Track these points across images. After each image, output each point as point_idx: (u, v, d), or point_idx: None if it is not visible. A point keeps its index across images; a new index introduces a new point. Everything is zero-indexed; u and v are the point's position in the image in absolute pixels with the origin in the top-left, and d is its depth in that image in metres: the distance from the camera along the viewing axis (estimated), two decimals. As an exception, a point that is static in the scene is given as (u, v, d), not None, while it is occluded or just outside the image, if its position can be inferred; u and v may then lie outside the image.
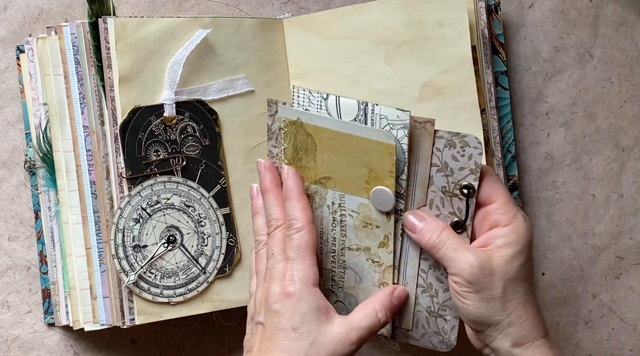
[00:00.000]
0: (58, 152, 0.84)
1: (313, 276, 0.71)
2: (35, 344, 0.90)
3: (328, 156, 0.73)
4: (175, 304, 0.82)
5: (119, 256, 0.80)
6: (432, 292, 0.74)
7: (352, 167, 0.72)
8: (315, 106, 0.72)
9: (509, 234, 0.68)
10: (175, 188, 0.81)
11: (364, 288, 0.76)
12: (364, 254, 0.75)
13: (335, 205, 0.74)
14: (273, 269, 0.72)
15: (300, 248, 0.70)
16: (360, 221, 0.74)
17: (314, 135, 0.72)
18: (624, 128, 0.90)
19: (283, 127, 0.74)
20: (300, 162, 0.74)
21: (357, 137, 0.71)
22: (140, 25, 0.80)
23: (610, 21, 0.90)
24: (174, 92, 0.81)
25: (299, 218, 0.71)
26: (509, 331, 0.69)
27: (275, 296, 0.70)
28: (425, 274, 0.74)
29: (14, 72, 0.90)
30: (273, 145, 0.75)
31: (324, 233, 0.76)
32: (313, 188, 0.75)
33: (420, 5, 0.82)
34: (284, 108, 0.73)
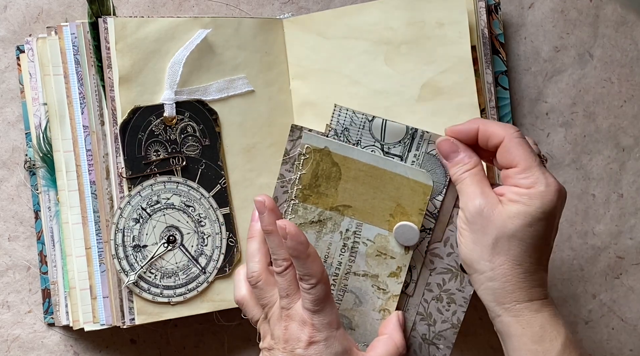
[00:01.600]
0: (58, 152, 0.84)
1: (335, 319, 0.71)
2: (35, 344, 0.90)
3: (352, 186, 0.74)
4: (175, 304, 0.82)
5: (119, 256, 0.80)
6: (430, 321, 0.76)
7: (378, 200, 0.73)
8: (357, 126, 0.73)
9: (522, 194, 0.67)
10: (175, 187, 0.81)
11: (362, 311, 0.76)
12: (370, 281, 0.75)
13: (349, 232, 0.75)
14: (290, 310, 0.71)
15: (319, 301, 0.70)
16: (374, 250, 0.74)
17: (341, 165, 0.73)
18: (624, 128, 0.90)
19: (305, 153, 0.74)
20: (318, 189, 0.74)
21: (391, 173, 0.73)
22: (141, 25, 0.80)
23: (610, 21, 0.90)
24: (174, 92, 0.81)
25: (312, 274, 0.69)
26: (490, 285, 0.68)
27: (300, 343, 0.70)
28: (427, 304, 0.75)
29: (14, 72, 0.90)
30: (287, 169, 0.75)
31: (328, 257, 0.76)
32: (327, 214, 0.75)
33: (420, 5, 0.82)
34: (309, 135, 0.74)
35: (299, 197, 0.75)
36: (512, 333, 0.68)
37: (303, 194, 0.75)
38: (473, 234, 0.68)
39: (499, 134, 0.69)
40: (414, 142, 0.72)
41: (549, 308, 0.69)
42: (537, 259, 0.68)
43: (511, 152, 0.68)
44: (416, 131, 0.72)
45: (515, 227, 0.67)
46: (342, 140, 0.73)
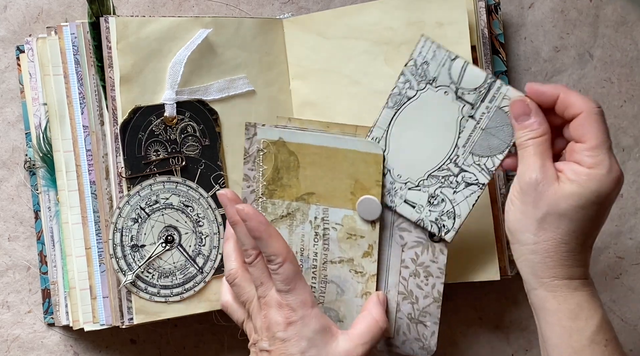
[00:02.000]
0: (58, 152, 0.84)
1: (309, 297, 0.71)
2: (35, 344, 0.90)
3: (311, 172, 0.74)
4: (172, 303, 0.82)
5: (117, 255, 0.80)
6: (412, 299, 0.76)
7: (337, 180, 0.73)
8: (437, 62, 0.72)
9: (581, 173, 0.66)
10: (174, 187, 0.82)
11: (345, 300, 0.77)
12: (346, 266, 0.76)
13: (318, 220, 0.75)
14: (267, 297, 0.72)
15: (289, 279, 0.70)
16: (344, 233, 0.75)
17: (297, 152, 0.74)
18: (624, 128, 0.90)
19: (262, 148, 0.75)
20: (281, 182, 0.75)
21: (343, 150, 0.73)
22: (142, 24, 0.80)
23: (610, 21, 0.90)
24: (175, 92, 0.81)
25: (276, 252, 0.70)
26: (531, 257, 0.68)
27: (278, 326, 0.70)
28: (406, 282, 0.75)
29: (14, 72, 0.90)
30: (250, 168, 0.76)
31: (304, 250, 0.76)
32: (294, 206, 0.75)
33: (420, 5, 0.82)
34: (263, 129, 0.74)
35: (265, 193, 0.76)
36: (548, 308, 0.68)
37: (268, 190, 0.76)
38: (523, 206, 0.68)
39: (579, 106, 0.67)
40: (489, 93, 0.71)
41: (588, 289, 0.68)
42: (583, 241, 0.68)
43: (585, 126, 0.67)
44: (495, 81, 0.71)
45: (567, 207, 0.66)
46: (420, 73, 0.72)
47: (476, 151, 0.72)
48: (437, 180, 0.73)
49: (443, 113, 0.72)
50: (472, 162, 0.72)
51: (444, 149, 0.73)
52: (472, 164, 0.72)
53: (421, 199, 0.74)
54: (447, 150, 0.73)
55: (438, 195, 0.73)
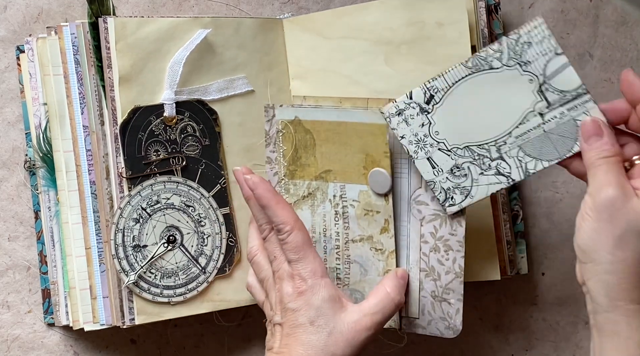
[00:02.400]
0: (58, 152, 0.84)
1: (319, 267, 0.72)
2: (35, 344, 0.90)
3: (327, 149, 0.74)
4: (175, 304, 0.82)
5: (119, 256, 0.80)
6: (434, 275, 0.75)
7: (350, 155, 0.73)
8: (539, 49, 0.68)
9: None
10: (175, 187, 0.82)
11: (369, 280, 0.76)
12: (367, 244, 0.76)
13: (337, 198, 0.75)
14: (279, 270, 0.73)
15: (298, 248, 0.71)
16: (362, 210, 0.75)
17: (312, 130, 0.74)
18: (624, 128, 0.90)
19: (281, 129, 0.75)
20: (300, 161, 0.75)
21: (351, 123, 0.72)
22: (141, 25, 0.80)
23: (610, 21, 0.90)
24: (174, 92, 0.81)
25: (284, 221, 0.72)
26: (606, 278, 0.64)
27: (289, 296, 0.71)
28: (427, 258, 0.75)
29: (14, 72, 0.90)
30: (271, 150, 0.76)
31: (327, 230, 0.76)
32: (314, 185, 0.75)
33: (420, 5, 0.82)
34: (281, 110, 0.74)
35: (287, 175, 0.76)
36: (619, 333, 0.64)
37: (289, 170, 0.76)
38: (598, 223, 0.64)
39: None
40: (573, 102, 0.68)
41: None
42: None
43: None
44: (585, 94, 0.68)
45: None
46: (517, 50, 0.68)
47: (526, 148, 0.69)
48: (471, 155, 0.71)
49: (516, 97, 0.69)
50: (515, 155, 0.70)
51: (495, 130, 0.70)
52: (514, 157, 0.70)
53: (445, 164, 0.71)
54: (498, 133, 0.70)
55: (463, 168, 0.71)
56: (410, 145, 0.72)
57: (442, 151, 0.71)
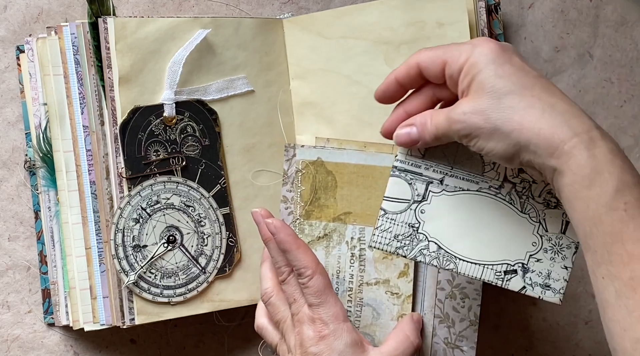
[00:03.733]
0: (58, 152, 0.84)
1: (341, 311, 0.71)
2: (35, 344, 0.90)
3: (349, 191, 0.74)
4: (175, 304, 0.82)
5: (119, 256, 0.80)
6: (449, 323, 0.75)
7: (374, 199, 0.73)
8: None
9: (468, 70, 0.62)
10: (175, 187, 0.82)
11: (381, 323, 0.76)
12: (382, 287, 0.76)
13: (354, 240, 0.75)
14: (299, 313, 0.72)
15: (319, 292, 0.71)
16: (380, 253, 0.74)
17: (335, 172, 0.74)
18: (624, 128, 0.90)
19: (301, 169, 0.75)
20: (319, 202, 0.75)
21: (380, 168, 0.73)
22: (140, 25, 0.80)
23: (610, 21, 0.90)
24: (174, 92, 0.81)
25: (306, 265, 0.71)
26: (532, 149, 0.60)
27: (311, 340, 0.70)
28: (442, 305, 0.75)
29: (14, 72, 0.90)
30: (288, 190, 0.76)
31: (340, 272, 0.76)
32: (331, 226, 0.75)
33: (420, 5, 0.82)
34: (302, 150, 0.75)
35: (303, 215, 0.76)
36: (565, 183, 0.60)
37: (306, 211, 0.76)
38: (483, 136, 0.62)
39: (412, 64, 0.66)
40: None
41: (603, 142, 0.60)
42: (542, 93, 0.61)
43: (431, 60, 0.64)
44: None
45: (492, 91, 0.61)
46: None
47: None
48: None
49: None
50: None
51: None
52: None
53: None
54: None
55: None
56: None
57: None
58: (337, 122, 0.85)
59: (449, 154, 0.67)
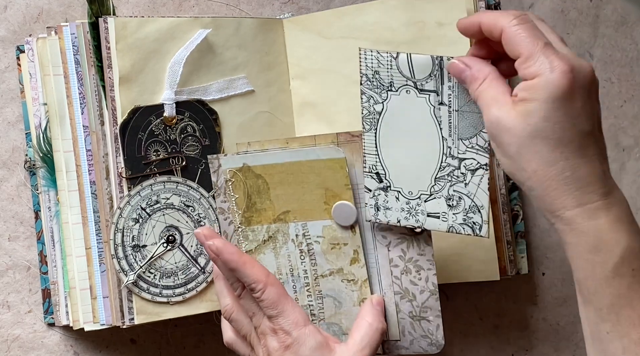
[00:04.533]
0: (58, 152, 0.84)
1: (300, 317, 0.71)
2: (35, 344, 0.90)
3: (282, 190, 0.74)
4: (174, 304, 0.82)
5: (118, 255, 0.80)
6: (410, 296, 0.75)
7: (308, 193, 0.73)
8: (385, 67, 0.68)
9: (529, 88, 0.60)
10: (174, 187, 0.82)
11: (345, 311, 0.76)
12: (337, 277, 0.76)
13: (299, 237, 0.75)
14: (261, 326, 0.72)
15: (275, 303, 0.71)
16: (328, 244, 0.75)
17: (264, 174, 0.74)
18: (624, 128, 0.90)
19: (230, 178, 0.75)
20: (255, 207, 0.75)
21: (307, 162, 0.72)
22: (141, 25, 0.80)
23: (610, 21, 0.90)
24: (174, 92, 0.81)
25: (255, 280, 0.71)
26: (534, 194, 0.61)
27: (277, 351, 0.71)
28: (399, 281, 0.75)
29: (14, 72, 0.90)
30: (223, 200, 0.76)
31: (294, 269, 0.76)
32: (273, 228, 0.75)
33: (420, 6, 0.82)
34: (226, 159, 0.74)
35: (243, 222, 0.76)
36: (567, 241, 0.61)
37: (245, 218, 0.76)
38: (500, 148, 0.62)
39: (497, 26, 0.62)
40: (444, 73, 0.66)
41: (610, 213, 0.61)
42: (574, 153, 0.60)
43: (511, 42, 0.61)
44: (442, 59, 0.66)
45: (532, 126, 0.60)
46: (375, 84, 0.69)
47: (462, 135, 0.68)
48: (445, 180, 0.69)
49: (416, 112, 0.68)
50: (465, 147, 0.68)
51: (435, 147, 0.69)
52: (466, 150, 0.68)
53: (441, 206, 0.70)
54: (438, 146, 0.69)
55: (453, 195, 0.70)
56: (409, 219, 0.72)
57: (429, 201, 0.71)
58: (337, 122, 0.85)
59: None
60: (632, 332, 0.60)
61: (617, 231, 0.60)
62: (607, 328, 0.61)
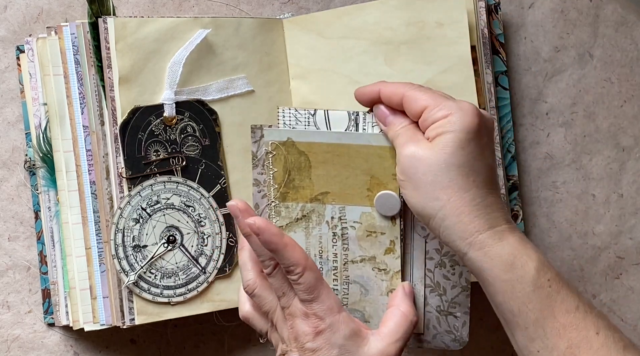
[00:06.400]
0: (58, 152, 0.84)
1: (335, 303, 0.70)
2: (35, 344, 0.90)
3: (324, 171, 0.73)
4: (175, 304, 0.82)
5: (119, 256, 0.80)
6: (440, 291, 0.75)
7: (352, 178, 0.72)
8: (303, 124, 0.72)
9: (443, 124, 0.65)
10: (175, 187, 0.82)
11: (370, 299, 0.76)
12: (369, 265, 0.75)
13: (335, 220, 0.74)
14: (290, 307, 0.70)
15: (311, 288, 0.69)
16: (364, 231, 0.74)
17: (308, 152, 0.73)
18: (624, 128, 0.90)
19: (271, 150, 0.73)
20: (293, 183, 0.74)
21: (356, 146, 0.72)
22: (140, 25, 0.80)
23: (610, 21, 0.90)
24: (174, 92, 0.81)
25: (295, 263, 0.69)
26: (447, 224, 0.65)
27: (307, 336, 0.69)
28: (432, 274, 0.74)
29: (14, 72, 0.90)
30: (259, 172, 0.75)
31: (323, 252, 0.75)
32: (309, 207, 0.74)
33: (419, 5, 0.82)
34: (270, 131, 0.73)
35: (278, 197, 0.74)
36: (484, 268, 0.65)
37: (280, 193, 0.74)
38: (413, 182, 0.66)
39: (397, 92, 0.68)
40: (359, 127, 0.71)
41: (515, 234, 0.66)
42: (483, 182, 0.65)
43: (416, 99, 0.67)
44: (357, 114, 0.71)
45: (448, 154, 0.64)
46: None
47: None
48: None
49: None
50: None
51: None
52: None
53: None
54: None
55: None
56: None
57: None
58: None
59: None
60: (560, 343, 0.64)
61: (526, 248, 0.65)
62: (537, 347, 0.65)
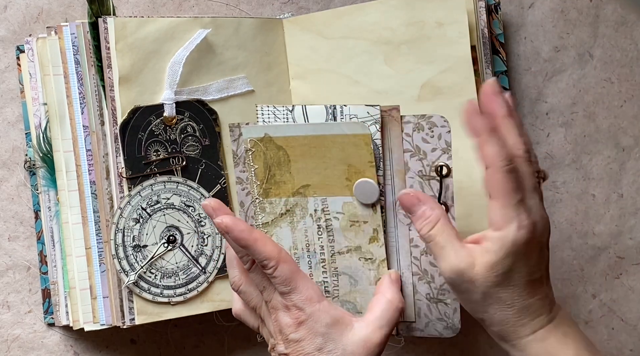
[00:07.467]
0: (58, 152, 0.84)
1: (314, 292, 0.70)
2: (35, 344, 0.90)
3: (303, 164, 0.73)
4: (175, 304, 0.82)
5: (119, 256, 0.80)
6: (428, 278, 0.74)
7: (330, 168, 0.72)
8: (281, 120, 0.72)
9: (495, 241, 0.65)
10: (175, 187, 0.82)
11: (360, 290, 0.76)
12: (355, 255, 0.75)
13: (318, 212, 0.74)
14: (272, 301, 0.71)
15: (287, 280, 0.70)
16: (347, 221, 0.74)
17: (285, 146, 0.73)
18: (624, 128, 0.90)
19: (250, 148, 0.74)
20: (274, 179, 0.74)
21: (331, 136, 0.71)
22: (140, 25, 0.80)
23: (610, 21, 0.90)
24: (174, 92, 0.81)
25: (267, 257, 0.69)
26: (493, 329, 0.68)
27: (289, 327, 0.70)
28: (418, 262, 0.74)
29: (14, 72, 0.90)
30: (241, 170, 0.75)
31: (310, 244, 0.75)
32: (292, 201, 0.74)
33: (419, 5, 0.82)
34: (248, 128, 0.73)
35: (261, 194, 0.75)
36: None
37: (263, 189, 0.75)
38: (461, 295, 0.68)
39: (486, 160, 0.66)
40: (337, 120, 0.72)
41: (556, 331, 0.68)
42: (528, 295, 0.67)
43: (492, 185, 0.66)
44: (335, 107, 0.71)
45: (496, 277, 0.66)
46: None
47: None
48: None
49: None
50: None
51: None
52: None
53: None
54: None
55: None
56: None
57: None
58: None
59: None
60: None
61: (564, 344, 0.68)
62: None
